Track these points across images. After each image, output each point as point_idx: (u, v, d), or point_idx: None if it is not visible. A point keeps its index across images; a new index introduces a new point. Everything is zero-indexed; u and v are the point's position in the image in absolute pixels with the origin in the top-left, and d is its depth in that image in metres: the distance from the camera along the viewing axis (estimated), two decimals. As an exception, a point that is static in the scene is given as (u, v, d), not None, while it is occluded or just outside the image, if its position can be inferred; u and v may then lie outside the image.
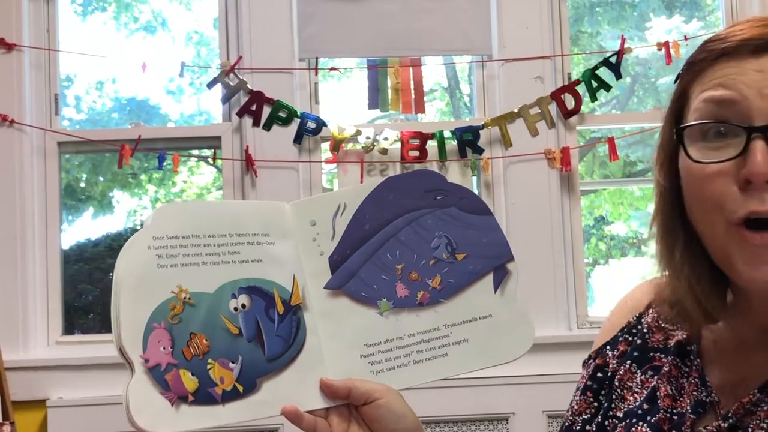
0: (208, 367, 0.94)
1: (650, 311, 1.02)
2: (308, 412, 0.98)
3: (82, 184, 4.15)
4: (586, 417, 1.01)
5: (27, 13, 3.08)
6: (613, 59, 3.09)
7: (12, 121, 2.99)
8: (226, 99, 3.07)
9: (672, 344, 0.97)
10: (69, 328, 3.24)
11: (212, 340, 0.95)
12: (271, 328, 0.99)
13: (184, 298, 0.95)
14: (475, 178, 3.13)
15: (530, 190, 3.06)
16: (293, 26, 3.10)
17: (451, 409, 2.87)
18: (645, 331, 1.01)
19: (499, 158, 3.08)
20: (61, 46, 3.15)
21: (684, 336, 0.97)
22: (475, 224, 1.07)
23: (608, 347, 1.03)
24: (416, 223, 1.06)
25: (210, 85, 3.06)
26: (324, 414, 0.99)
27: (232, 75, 3.03)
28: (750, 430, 0.84)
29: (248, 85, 3.03)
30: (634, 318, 1.03)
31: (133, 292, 0.92)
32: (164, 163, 3.01)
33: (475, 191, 3.14)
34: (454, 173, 3.05)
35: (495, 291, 1.07)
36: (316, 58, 3.09)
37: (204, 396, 0.93)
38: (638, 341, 1.00)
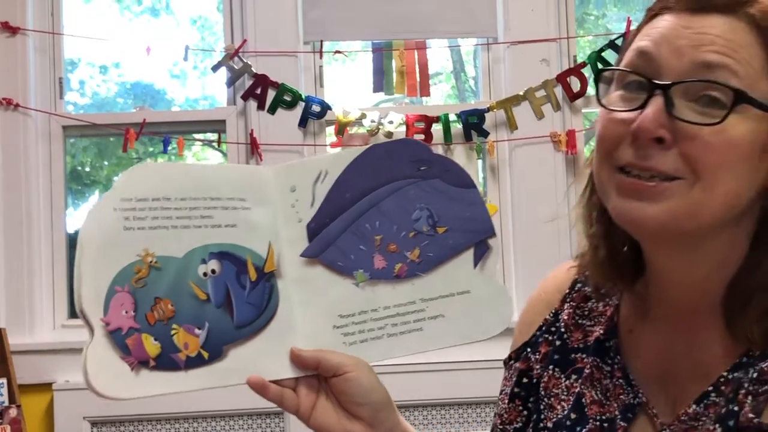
0: (172, 332, 0.92)
1: (566, 306, 0.99)
2: (277, 381, 0.95)
3: (87, 169, 4.15)
4: (517, 426, 0.99)
5: (31, -3, 3.07)
6: (619, 41, 3.07)
7: (17, 105, 2.99)
8: (230, 82, 3.06)
9: (591, 342, 0.94)
10: (74, 311, 3.24)
11: (178, 305, 0.93)
12: (242, 295, 0.96)
13: (150, 261, 0.92)
14: (480, 161, 3.12)
15: (536, 173, 3.05)
16: (298, 9, 3.09)
17: (452, 392, 2.87)
18: (563, 330, 0.98)
19: (505, 141, 3.06)
20: (65, 30, 3.14)
21: (601, 331, 0.94)
22: (458, 197, 1.04)
23: (529, 349, 1.00)
24: (398, 193, 1.03)
25: (214, 68, 3.05)
26: (293, 384, 0.97)
27: (236, 58, 3.02)
28: None
29: (253, 69, 3.02)
30: (551, 315, 1.00)
31: (95, 253, 0.90)
32: (169, 147, 3.01)
33: (481, 174, 3.13)
34: (460, 156, 3.04)
35: (475, 266, 1.04)
36: (321, 41, 3.08)
37: (166, 361, 0.91)
38: (558, 342, 0.97)
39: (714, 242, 0.83)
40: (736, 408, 0.80)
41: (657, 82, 0.80)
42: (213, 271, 0.96)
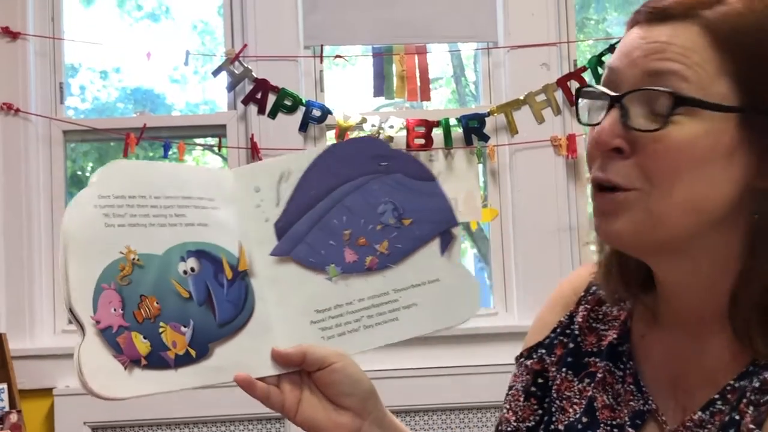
0: (160, 330, 0.92)
1: (581, 309, 1.00)
2: (260, 379, 0.95)
3: (88, 173, 4.15)
4: (530, 425, 0.99)
5: (32, 1, 3.07)
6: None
7: (17, 110, 2.99)
8: (231, 87, 3.06)
9: (605, 346, 0.95)
10: (75, 316, 3.24)
11: (163, 303, 0.93)
12: (221, 293, 0.97)
13: (133, 259, 0.92)
14: (481, 166, 3.12)
15: (536, 178, 3.05)
16: (298, 14, 3.09)
17: (454, 396, 2.87)
18: (577, 333, 0.98)
19: (505, 146, 3.06)
20: (66, 35, 3.14)
21: (615, 336, 0.95)
22: (420, 190, 1.08)
23: (544, 351, 1.01)
24: (362, 189, 1.06)
25: (215, 73, 3.05)
26: (276, 382, 0.97)
27: (236, 63, 3.02)
28: None
29: (253, 73, 3.02)
30: (566, 317, 1.01)
31: (80, 251, 0.90)
32: (169, 152, 3.01)
33: (481, 178, 3.13)
34: (460, 161, 3.04)
35: (441, 255, 1.07)
36: (321, 46, 3.08)
37: (157, 360, 0.91)
38: (571, 345, 0.98)
39: (702, 248, 0.83)
40: (737, 417, 0.80)
41: (611, 93, 0.82)
42: (192, 269, 0.96)
